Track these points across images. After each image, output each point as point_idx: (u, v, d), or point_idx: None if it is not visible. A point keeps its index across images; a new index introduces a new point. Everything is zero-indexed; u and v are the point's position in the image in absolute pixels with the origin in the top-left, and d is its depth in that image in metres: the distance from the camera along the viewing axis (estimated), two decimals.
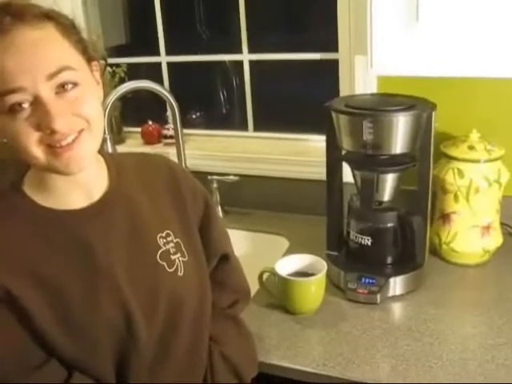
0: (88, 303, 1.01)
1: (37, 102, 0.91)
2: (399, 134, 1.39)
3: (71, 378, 1.01)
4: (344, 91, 1.86)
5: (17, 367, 0.98)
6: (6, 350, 0.98)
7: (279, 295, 1.46)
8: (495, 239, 1.63)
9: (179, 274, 1.13)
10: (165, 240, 1.13)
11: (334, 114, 1.46)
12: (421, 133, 1.42)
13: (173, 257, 1.13)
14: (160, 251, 1.12)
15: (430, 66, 1.56)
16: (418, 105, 1.42)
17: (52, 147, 0.94)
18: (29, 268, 0.98)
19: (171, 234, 1.15)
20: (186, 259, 1.15)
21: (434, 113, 1.41)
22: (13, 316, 0.97)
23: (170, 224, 1.17)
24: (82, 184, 1.05)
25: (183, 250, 1.16)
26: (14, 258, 0.98)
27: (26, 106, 0.91)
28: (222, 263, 1.31)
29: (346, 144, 1.46)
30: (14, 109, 0.91)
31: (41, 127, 0.92)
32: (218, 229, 1.29)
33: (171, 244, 1.14)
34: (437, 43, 1.54)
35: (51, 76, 0.91)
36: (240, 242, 1.95)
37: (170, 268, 1.12)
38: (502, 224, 1.68)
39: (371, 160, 1.46)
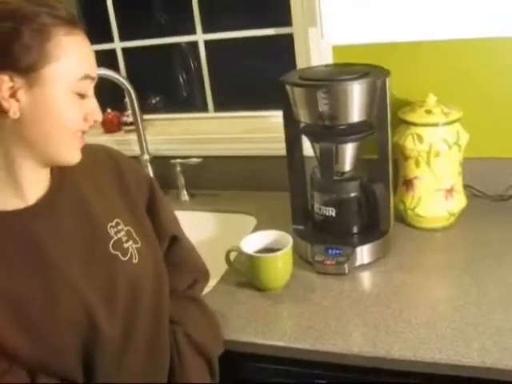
0: (47, 304, 1.00)
1: (89, 95, 1.03)
2: (355, 102, 1.38)
3: (37, 381, 1.00)
4: (301, 65, 1.84)
5: None
6: None
7: (247, 273, 1.46)
8: (459, 201, 1.64)
9: (134, 261, 1.13)
10: (115, 229, 1.13)
11: (288, 88, 1.44)
12: (377, 100, 1.42)
13: (125, 245, 1.13)
14: (112, 241, 1.11)
15: (382, 33, 1.57)
16: (372, 72, 1.41)
17: (77, 137, 1.04)
18: None
19: (121, 222, 1.15)
20: (138, 245, 1.15)
21: (388, 79, 1.41)
22: None
23: (119, 213, 1.16)
24: (29, 181, 1.03)
25: (135, 236, 1.16)
26: None
27: (89, 94, 1.03)
28: (173, 245, 1.31)
29: (303, 117, 1.45)
30: (82, 94, 1.01)
31: (87, 118, 1.03)
32: (164, 211, 1.30)
33: (122, 232, 1.14)
34: (386, 9, 1.54)
35: None
36: (208, 223, 1.95)
37: (124, 257, 1.12)
38: (466, 186, 1.69)
39: (329, 131, 1.45)
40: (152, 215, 1.25)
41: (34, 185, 1.05)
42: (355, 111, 1.39)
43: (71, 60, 0.97)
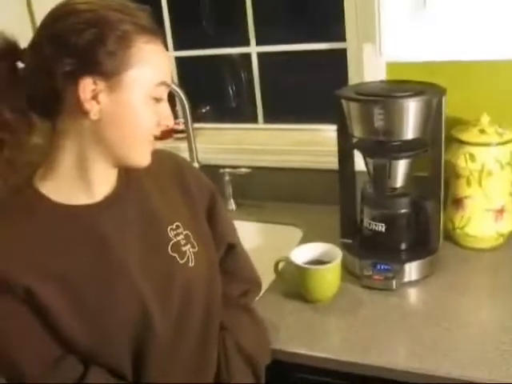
0: (105, 296, 1.04)
1: (163, 101, 1.06)
2: (410, 119, 1.39)
3: (88, 373, 1.03)
4: (353, 80, 1.86)
5: (35, 364, 1.01)
6: (25, 347, 1.00)
7: (295, 284, 1.47)
8: (509, 222, 1.62)
9: (190, 264, 1.16)
10: (175, 232, 1.17)
11: (344, 102, 1.46)
12: (431, 118, 1.42)
13: (183, 248, 1.16)
14: (171, 243, 1.15)
15: (438, 51, 1.56)
16: (428, 90, 1.42)
17: (149, 141, 1.07)
18: (46, 265, 1.00)
19: (181, 225, 1.18)
20: (195, 250, 1.18)
21: (443, 98, 1.41)
22: (32, 314, 0.99)
23: (179, 216, 1.20)
24: (98, 179, 1.08)
25: (193, 241, 1.19)
26: (32, 256, 1.00)
27: (164, 100, 1.06)
28: (228, 253, 1.34)
29: (357, 131, 1.47)
30: (158, 99, 1.05)
31: (160, 123, 1.07)
32: (223, 219, 1.33)
33: (181, 236, 1.17)
34: (444, 28, 1.54)
35: None
36: (254, 233, 1.96)
37: (181, 259, 1.15)
38: None
39: (383, 147, 1.46)
40: (211, 222, 1.28)
41: (103, 183, 1.09)
42: (410, 128, 1.40)
43: (150, 67, 1.01)
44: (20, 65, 1.02)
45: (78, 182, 1.06)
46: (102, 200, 1.09)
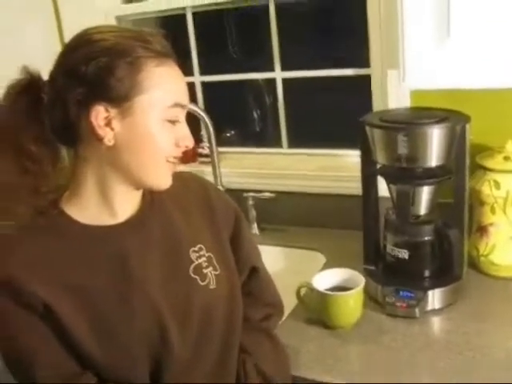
0: (124, 314, 1.05)
1: (180, 122, 1.07)
2: (434, 146, 1.39)
3: None
4: (377, 106, 1.87)
5: (53, 381, 1.02)
6: (44, 363, 1.02)
7: (317, 310, 1.47)
8: None
9: (211, 287, 1.17)
10: (197, 254, 1.17)
11: (368, 129, 1.46)
12: (455, 145, 1.42)
13: (205, 270, 1.17)
14: (193, 265, 1.16)
15: (462, 79, 1.56)
16: (452, 117, 1.42)
17: (169, 163, 1.08)
18: (68, 283, 1.02)
19: (203, 248, 1.19)
20: (217, 272, 1.19)
21: (467, 125, 1.41)
22: (51, 330, 1.01)
23: (202, 238, 1.20)
24: (121, 201, 1.10)
25: (215, 263, 1.20)
26: (54, 273, 1.02)
27: (180, 121, 1.07)
28: (252, 276, 1.34)
29: (381, 158, 1.47)
30: (173, 120, 1.06)
31: (178, 144, 1.08)
32: (247, 242, 1.33)
33: (203, 258, 1.18)
34: (469, 56, 1.54)
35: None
36: (277, 258, 1.97)
37: (202, 281, 1.16)
38: None
39: (406, 173, 1.46)
40: (235, 245, 1.28)
41: (125, 205, 1.11)
42: (434, 155, 1.40)
43: (162, 89, 1.03)
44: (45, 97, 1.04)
45: (102, 204, 1.09)
46: (125, 220, 1.11)
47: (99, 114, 1.00)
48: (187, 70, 2.23)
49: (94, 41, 1.01)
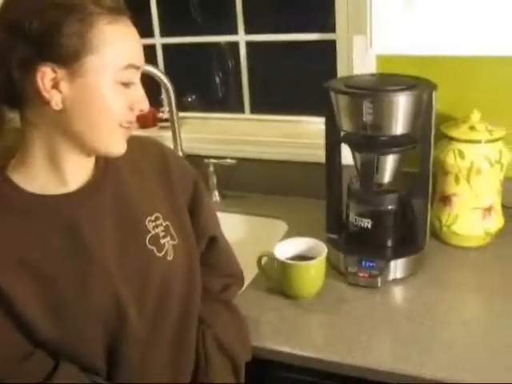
0: (79, 291, 1.01)
1: (135, 84, 1.01)
2: (399, 114, 1.36)
3: (58, 370, 1.00)
4: (342, 72, 1.83)
5: (3, 359, 0.97)
6: None
7: (278, 279, 1.44)
8: (496, 221, 1.60)
9: (168, 258, 1.13)
10: (154, 223, 1.13)
11: (333, 95, 1.42)
12: (421, 113, 1.39)
13: (162, 241, 1.13)
14: (149, 236, 1.11)
15: (429, 45, 1.54)
16: (419, 85, 1.39)
17: (123, 128, 1.02)
18: (18, 257, 0.97)
19: (160, 216, 1.14)
20: (175, 242, 1.15)
21: (434, 93, 1.38)
22: (1, 309, 0.96)
23: (160, 207, 1.16)
24: (72, 168, 1.04)
25: (172, 233, 1.16)
26: (3, 249, 0.97)
27: (135, 83, 1.01)
28: (210, 246, 1.30)
29: (346, 125, 1.43)
30: (127, 83, 0.99)
31: (133, 107, 1.01)
32: (206, 210, 1.29)
33: (160, 228, 1.13)
34: (436, 22, 1.52)
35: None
36: (238, 226, 1.94)
37: (159, 252, 1.12)
38: (504, 206, 1.65)
39: (371, 141, 1.43)
40: (194, 213, 1.24)
41: (77, 172, 1.05)
42: (399, 123, 1.37)
43: (114, 49, 0.96)
44: None
45: (51, 172, 1.02)
46: (76, 190, 1.05)
47: (45, 75, 0.92)
48: (147, 31, 2.17)
49: None
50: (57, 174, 1.03)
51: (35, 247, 0.99)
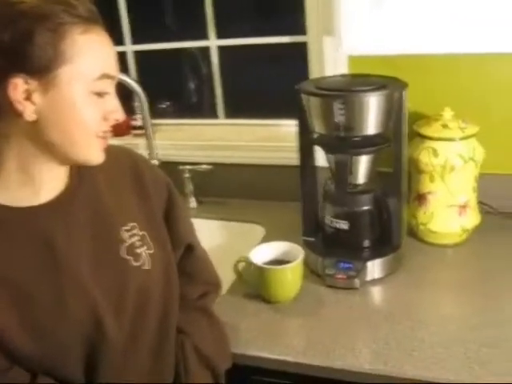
0: (54, 304, 0.99)
1: (109, 94, 1.00)
2: (371, 114, 1.36)
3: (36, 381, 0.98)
4: (314, 74, 1.83)
5: None
6: None
7: (256, 284, 1.43)
8: (473, 218, 1.61)
9: (146, 267, 1.11)
10: (130, 233, 1.11)
11: (304, 97, 1.42)
12: (393, 113, 1.39)
13: (138, 250, 1.11)
14: (125, 245, 1.10)
15: (398, 44, 1.54)
16: (389, 84, 1.39)
17: (99, 138, 1.01)
18: None
19: (136, 226, 1.13)
20: (152, 251, 1.13)
21: (405, 92, 1.38)
22: None
23: (135, 216, 1.14)
24: (45, 179, 1.02)
25: (149, 242, 1.14)
26: None
27: (109, 93, 1.00)
28: (187, 254, 1.28)
29: (318, 127, 1.43)
30: (101, 93, 0.98)
31: (107, 118, 1.00)
32: (182, 218, 1.27)
33: (137, 237, 1.12)
34: (404, 21, 1.52)
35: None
36: (215, 231, 1.93)
37: (136, 262, 1.10)
38: (480, 202, 1.66)
39: (344, 142, 1.43)
40: (169, 222, 1.23)
41: (50, 183, 1.03)
42: (371, 123, 1.37)
43: (88, 59, 0.94)
44: None
45: (24, 184, 1.00)
46: (50, 201, 1.03)
47: (18, 87, 0.91)
48: (118, 39, 2.15)
49: (9, 3, 0.91)
50: (30, 185, 1.01)
51: (9, 261, 0.97)
